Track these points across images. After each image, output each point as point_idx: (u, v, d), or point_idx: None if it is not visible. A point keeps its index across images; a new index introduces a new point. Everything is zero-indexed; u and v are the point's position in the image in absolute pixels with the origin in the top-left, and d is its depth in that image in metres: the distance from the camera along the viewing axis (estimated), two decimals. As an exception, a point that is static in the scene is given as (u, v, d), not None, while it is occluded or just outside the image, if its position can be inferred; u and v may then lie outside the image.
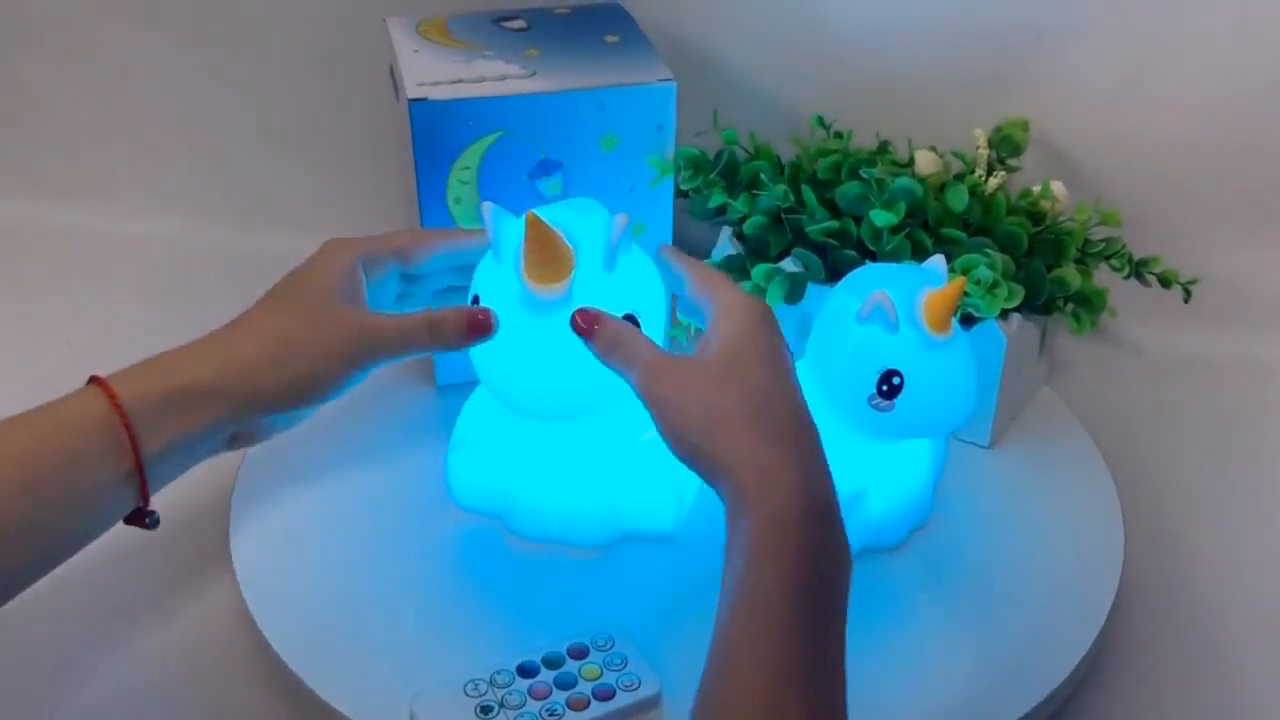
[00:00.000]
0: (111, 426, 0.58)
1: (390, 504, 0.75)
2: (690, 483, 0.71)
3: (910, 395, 0.66)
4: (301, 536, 0.73)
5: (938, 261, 0.68)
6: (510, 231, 0.64)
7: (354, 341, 0.63)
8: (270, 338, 0.63)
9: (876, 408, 0.66)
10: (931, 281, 0.67)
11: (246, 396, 0.62)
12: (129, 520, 0.61)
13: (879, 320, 0.65)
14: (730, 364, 0.58)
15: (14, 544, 0.56)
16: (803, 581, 0.52)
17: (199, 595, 0.72)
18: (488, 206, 0.64)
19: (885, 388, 0.66)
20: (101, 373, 0.61)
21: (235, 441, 0.65)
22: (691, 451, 0.58)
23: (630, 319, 0.64)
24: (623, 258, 0.64)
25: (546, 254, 0.62)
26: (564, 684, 0.63)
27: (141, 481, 0.59)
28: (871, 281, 0.67)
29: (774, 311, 0.62)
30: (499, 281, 0.65)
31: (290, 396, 0.63)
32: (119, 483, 0.59)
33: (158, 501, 0.61)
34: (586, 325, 0.61)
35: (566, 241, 0.62)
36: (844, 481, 0.68)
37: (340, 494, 0.76)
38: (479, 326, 0.63)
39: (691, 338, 0.68)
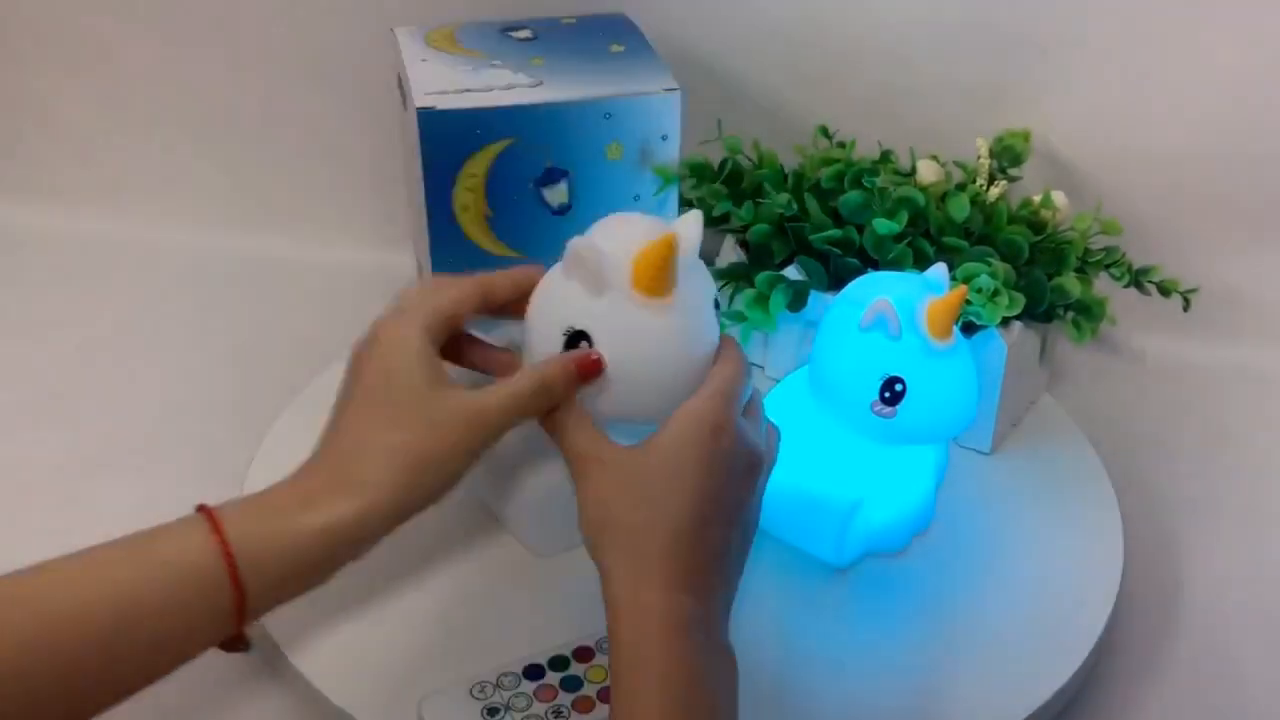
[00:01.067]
0: (216, 571, 0.53)
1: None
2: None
3: (912, 402, 0.66)
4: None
5: (939, 270, 0.69)
6: (613, 259, 0.58)
7: (475, 433, 0.58)
8: (397, 459, 0.56)
9: (879, 414, 0.67)
10: (933, 289, 0.67)
11: (388, 527, 0.57)
12: (221, 646, 0.56)
13: (881, 327, 0.65)
14: (645, 471, 0.56)
15: (96, 678, 0.52)
16: (671, 696, 0.52)
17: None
18: (583, 243, 0.58)
19: (887, 394, 0.66)
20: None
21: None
22: (585, 544, 0.57)
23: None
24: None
25: (666, 269, 0.58)
26: (570, 686, 0.63)
27: (239, 621, 0.54)
28: (874, 289, 0.67)
29: (733, 425, 0.57)
30: (603, 310, 0.59)
31: (425, 506, 0.58)
32: (215, 623, 0.54)
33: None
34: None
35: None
36: (847, 488, 0.69)
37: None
38: (590, 371, 0.59)
39: None
